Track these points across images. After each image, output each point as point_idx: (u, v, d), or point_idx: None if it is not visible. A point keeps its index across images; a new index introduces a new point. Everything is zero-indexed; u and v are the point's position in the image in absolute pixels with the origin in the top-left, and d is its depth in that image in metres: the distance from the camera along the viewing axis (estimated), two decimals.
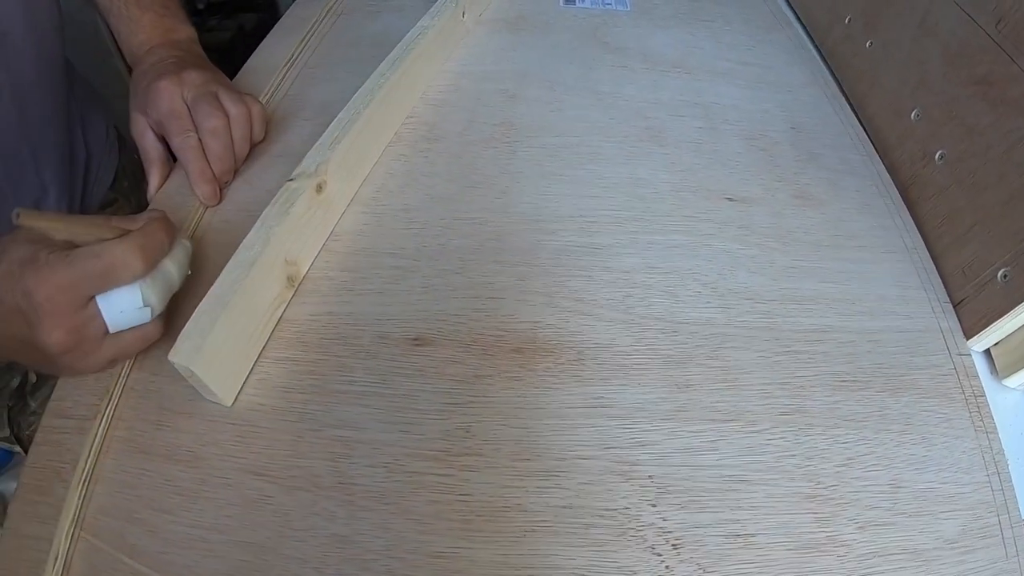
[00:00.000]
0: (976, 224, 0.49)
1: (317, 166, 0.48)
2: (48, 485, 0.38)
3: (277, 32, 0.74)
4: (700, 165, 0.57)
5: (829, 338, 0.46)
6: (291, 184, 0.47)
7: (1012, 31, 0.49)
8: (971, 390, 0.44)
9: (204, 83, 0.54)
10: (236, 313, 0.40)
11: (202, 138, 0.53)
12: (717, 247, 0.51)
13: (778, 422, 0.41)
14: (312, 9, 0.77)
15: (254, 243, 0.43)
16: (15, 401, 0.75)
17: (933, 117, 0.55)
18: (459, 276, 0.48)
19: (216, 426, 0.40)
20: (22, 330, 0.38)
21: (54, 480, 0.38)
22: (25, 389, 0.76)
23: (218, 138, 0.53)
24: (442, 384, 0.42)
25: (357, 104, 0.54)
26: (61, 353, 0.38)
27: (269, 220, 0.44)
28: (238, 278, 0.41)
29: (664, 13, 0.80)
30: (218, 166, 0.53)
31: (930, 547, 0.37)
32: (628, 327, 0.45)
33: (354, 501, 0.37)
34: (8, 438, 0.78)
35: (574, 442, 0.39)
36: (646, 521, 0.37)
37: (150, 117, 0.54)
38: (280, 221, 0.44)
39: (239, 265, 0.41)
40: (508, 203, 0.53)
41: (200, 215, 0.52)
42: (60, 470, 0.38)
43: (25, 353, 0.39)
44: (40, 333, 0.37)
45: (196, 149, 0.53)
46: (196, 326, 0.38)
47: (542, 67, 0.68)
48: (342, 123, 0.52)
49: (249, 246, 0.43)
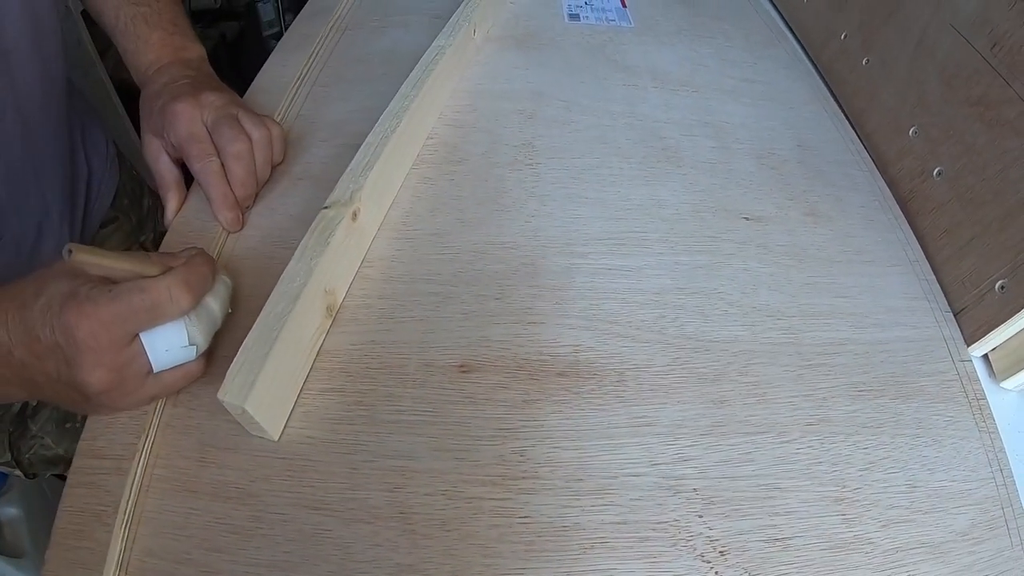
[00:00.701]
0: (974, 238, 0.52)
1: (352, 193, 0.48)
2: (88, 529, 0.37)
3: (282, 50, 0.74)
4: (716, 185, 0.60)
5: (846, 350, 0.49)
6: (327, 212, 0.47)
7: (1007, 55, 0.52)
8: (973, 393, 0.48)
9: (224, 105, 0.53)
10: (283, 347, 0.40)
11: (225, 162, 0.52)
12: (738, 266, 0.54)
13: (805, 432, 0.44)
14: (315, 26, 0.77)
15: (296, 275, 0.43)
16: (15, 426, 0.72)
17: (931, 135, 0.59)
18: (498, 302, 0.49)
19: (265, 461, 0.40)
20: (59, 368, 0.36)
21: (94, 523, 0.37)
22: (26, 413, 0.74)
23: (242, 162, 0.52)
24: (493, 410, 0.43)
25: (384, 127, 0.54)
26: (101, 392, 0.37)
27: (309, 251, 0.45)
28: (284, 311, 0.41)
29: (667, 29, 0.82)
30: (240, 191, 0.53)
31: (945, 540, 0.41)
32: (664, 348, 0.48)
33: (415, 530, 0.38)
34: (8, 463, 0.76)
35: (623, 460, 0.42)
36: (695, 531, 0.40)
37: (166, 140, 0.53)
38: (321, 252, 0.44)
39: (283, 298, 0.42)
40: (538, 227, 0.55)
41: (223, 242, 0.52)
42: (100, 513, 0.37)
43: (59, 392, 0.38)
44: (80, 371, 0.36)
45: (219, 174, 0.52)
46: (246, 363, 0.38)
47: (556, 86, 0.70)
48: (371, 147, 0.52)
49: (291, 278, 0.43)
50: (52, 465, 0.78)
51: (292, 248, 0.45)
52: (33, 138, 0.58)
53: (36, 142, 0.58)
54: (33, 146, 0.58)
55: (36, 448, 0.76)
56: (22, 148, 0.56)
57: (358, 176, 0.50)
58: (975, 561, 0.40)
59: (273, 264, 0.49)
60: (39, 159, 0.60)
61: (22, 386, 0.38)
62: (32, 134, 0.57)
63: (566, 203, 0.57)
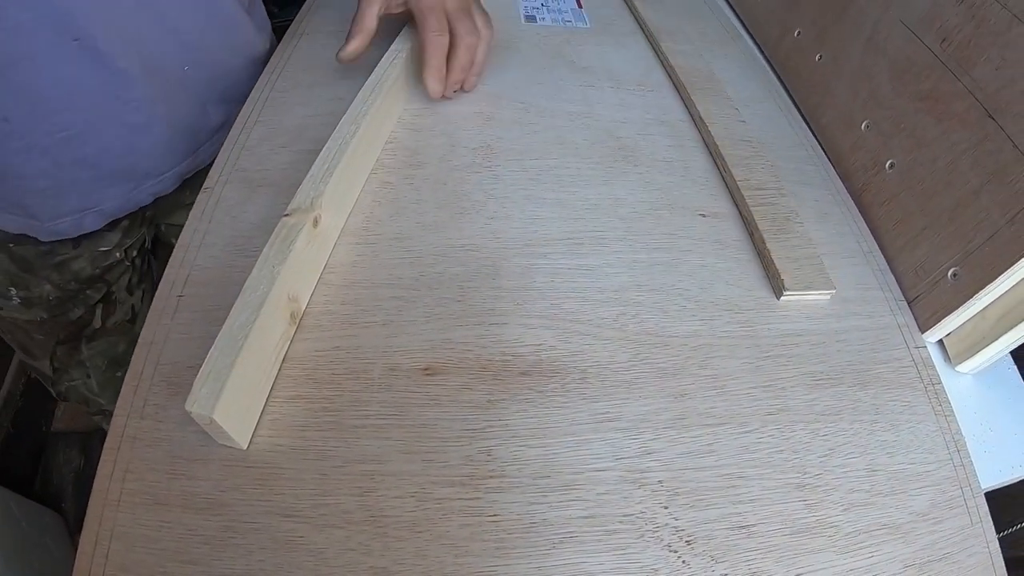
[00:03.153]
0: (926, 227, 0.54)
1: (312, 200, 0.48)
2: None
3: None
4: (673, 183, 0.61)
5: (803, 341, 0.50)
6: (288, 220, 0.47)
7: (956, 50, 0.53)
8: (929, 379, 0.49)
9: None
10: (248, 356, 0.40)
11: (455, 46, 0.60)
12: (695, 262, 0.54)
13: (766, 421, 0.45)
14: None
15: (259, 283, 0.43)
16: (67, 339, 0.74)
17: (883, 129, 0.60)
18: (460, 304, 0.50)
19: (234, 470, 0.40)
20: None
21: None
22: (83, 332, 0.75)
23: (469, 53, 0.61)
24: (458, 411, 0.44)
25: (343, 133, 0.54)
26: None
27: (271, 259, 0.44)
28: (248, 320, 0.41)
29: (623, 29, 0.83)
30: (456, 75, 0.62)
31: (906, 521, 0.42)
32: (625, 344, 0.48)
33: (387, 533, 0.38)
34: (45, 374, 0.77)
35: (588, 455, 0.42)
36: (661, 522, 0.40)
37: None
38: (283, 259, 0.44)
39: (247, 307, 0.41)
40: (498, 229, 0.55)
41: (182, 258, 0.51)
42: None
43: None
44: None
45: (444, 49, 0.60)
46: (212, 372, 0.38)
47: (514, 88, 0.71)
48: (331, 153, 0.52)
49: (254, 287, 0.43)
50: (85, 405, 0.80)
51: (253, 257, 0.44)
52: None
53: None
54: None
55: (79, 385, 0.78)
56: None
57: (318, 183, 0.50)
58: (937, 540, 0.41)
59: (234, 273, 0.49)
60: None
61: None
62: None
63: (525, 204, 0.58)
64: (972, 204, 0.50)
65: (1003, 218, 0.47)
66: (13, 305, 0.69)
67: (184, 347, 0.45)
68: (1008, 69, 0.49)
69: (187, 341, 0.45)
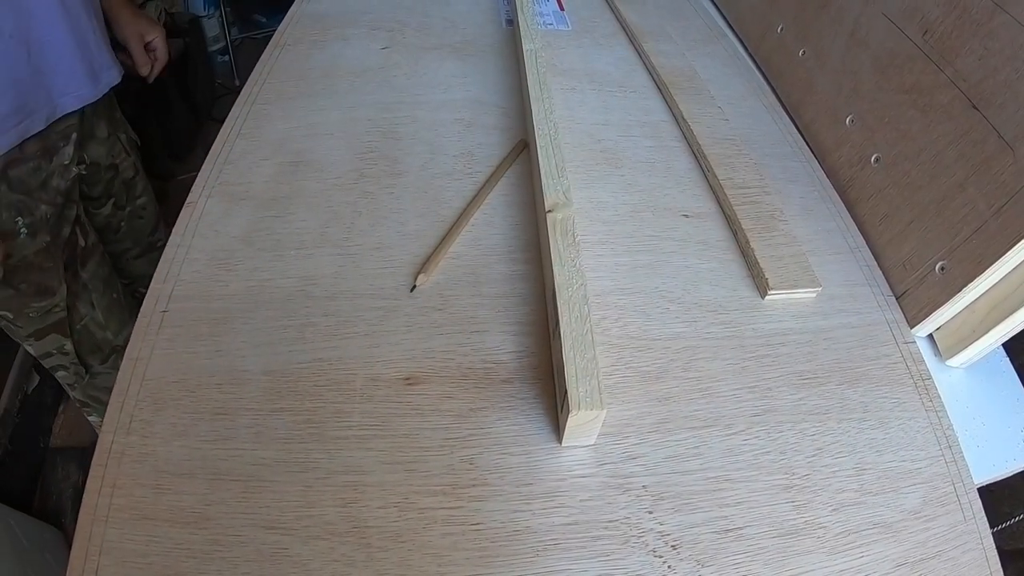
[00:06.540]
0: (913, 221, 0.53)
1: (565, 192, 0.52)
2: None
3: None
4: (655, 184, 0.61)
5: (789, 340, 0.50)
6: (554, 215, 0.50)
7: (938, 42, 0.53)
8: (918, 374, 0.49)
9: None
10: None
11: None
12: (679, 263, 0.54)
13: (752, 423, 0.45)
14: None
15: (571, 281, 0.46)
16: (69, 262, 0.82)
17: (867, 123, 0.60)
18: (440, 312, 0.49)
19: (219, 484, 0.40)
20: None
21: None
22: (76, 252, 0.82)
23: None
24: (440, 420, 0.44)
25: (545, 130, 0.58)
26: None
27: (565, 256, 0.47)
28: (582, 315, 0.44)
29: (604, 31, 0.83)
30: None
31: (897, 520, 0.41)
32: (607, 348, 0.48)
33: (371, 543, 0.38)
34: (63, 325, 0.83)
35: (571, 461, 0.42)
36: (645, 527, 0.40)
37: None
38: (578, 252, 0.47)
39: (575, 302, 0.44)
40: (479, 236, 0.55)
41: (167, 272, 0.51)
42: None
43: None
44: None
45: None
46: (583, 372, 0.41)
47: (495, 93, 0.71)
48: (548, 151, 0.56)
49: (567, 284, 0.45)
50: (98, 351, 0.86)
51: (236, 270, 0.44)
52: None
53: None
54: None
55: (88, 322, 0.84)
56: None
57: (559, 179, 0.53)
58: (929, 537, 0.41)
59: (217, 287, 0.49)
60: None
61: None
62: None
63: (506, 210, 0.57)
64: (958, 196, 0.49)
65: (989, 210, 0.47)
66: (23, 239, 0.74)
67: (168, 362, 0.45)
68: (991, 59, 0.49)
69: (171, 356, 0.45)
